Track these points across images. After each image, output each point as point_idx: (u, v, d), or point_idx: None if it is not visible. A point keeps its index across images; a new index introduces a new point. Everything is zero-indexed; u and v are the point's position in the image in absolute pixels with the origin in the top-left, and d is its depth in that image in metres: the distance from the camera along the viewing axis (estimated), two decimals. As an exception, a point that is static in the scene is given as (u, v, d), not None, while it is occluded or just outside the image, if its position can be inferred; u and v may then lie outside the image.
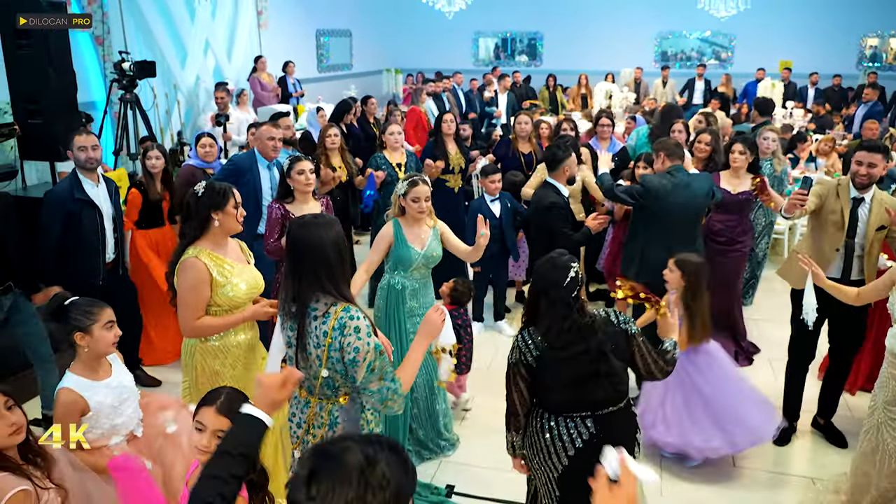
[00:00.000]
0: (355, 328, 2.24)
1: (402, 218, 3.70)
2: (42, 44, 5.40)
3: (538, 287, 2.57)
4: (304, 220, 2.38)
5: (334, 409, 2.38)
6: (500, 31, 16.51)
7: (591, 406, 2.54)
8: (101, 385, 2.49)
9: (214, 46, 9.84)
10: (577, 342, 2.48)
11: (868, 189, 3.72)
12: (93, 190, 4.18)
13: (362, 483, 1.15)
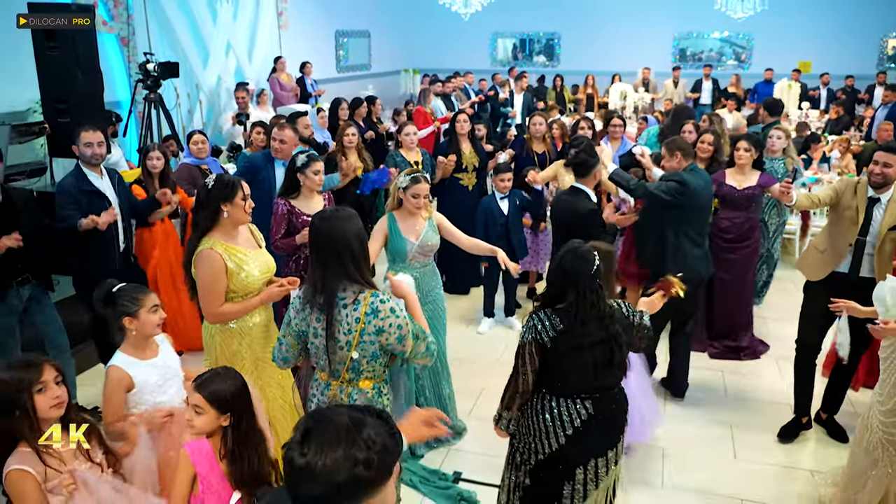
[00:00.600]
0: (390, 309, 2.43)
1: (398, 211, 3.86)
2: (71, 46, 5.60)
3: (566, 277, 2.66)
4: (326, 214, 2.55)
5: (354, 393, 2.55)
6: (518, 32, 16.60)
7: (595, 389, 2.69)
8: (147, 364, 2.65)
9: (236, 47, 10.04)
10: (598, 330, 2.63)
11: (885, 189, 3.82)
12: (98, 182, 4.35)
13: (349, 441, 1.25)
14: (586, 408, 2.68)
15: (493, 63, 16.53)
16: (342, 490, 1.24)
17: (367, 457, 1.25)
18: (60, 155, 6.01)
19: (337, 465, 1.23)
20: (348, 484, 1.23)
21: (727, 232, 5.09)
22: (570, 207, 4.53)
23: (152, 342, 2.73)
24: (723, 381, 4.91)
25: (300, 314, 2.54)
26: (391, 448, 1.30)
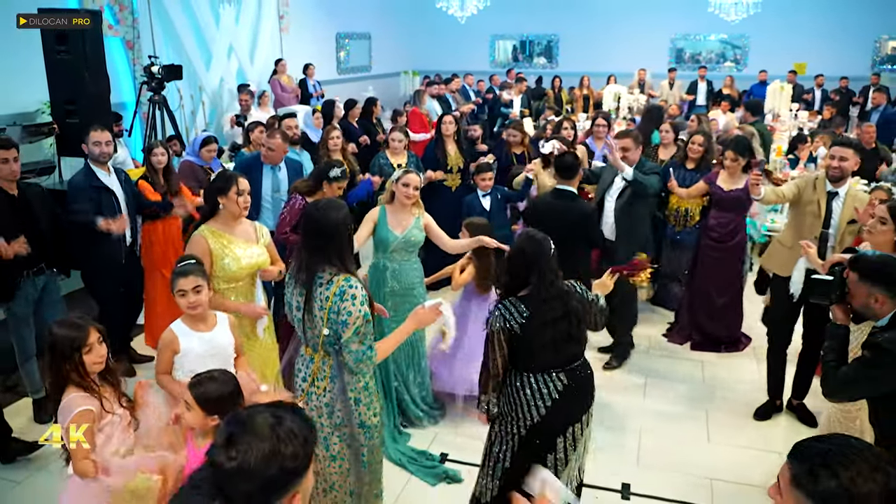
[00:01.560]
0: (352, 296, 2.63)
1: (390, 206, 4.09)
2: (79, 49, 5.85)
3: (526, 260, 2.89)
4: (320, 204, 2.81)
5: (335, 365, 2.77)
6: (518, 34, 16.81)
7: (564, 362, 2.92)
8: (197, 335, 2.89)
9: (238, 50, 10.27)
10: (558, 307, 2.86)
11: (842, 183, 4.04)
12: (106, 179, 4.59)
13: (274, 437, 1.33)
14: (561, 380, 2.90)
15: (493, 65, 16.75)
16: (275, 483, 1.34)
17: (293, 450, 1.34)
18: (68, 154, 6.25)
19: (267, 461, 1.32)
20: (280, 477, 1.34)
21: (713, 230, 5.28)
22: (566, 211, 4.53)
23: (210, 318, 2.96)
24: (702, 371, 5.12)
25: (289, 289, 2.80)
26: (310, 438, 1.40)
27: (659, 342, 5.58)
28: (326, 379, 2.78)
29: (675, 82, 12.90)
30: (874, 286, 2.50)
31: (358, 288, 2.66)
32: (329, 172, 4.44)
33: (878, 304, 2.51)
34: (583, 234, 4.56)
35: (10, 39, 6.53)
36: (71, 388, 2.48)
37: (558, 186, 4.69)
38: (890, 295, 2.48)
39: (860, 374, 2.49)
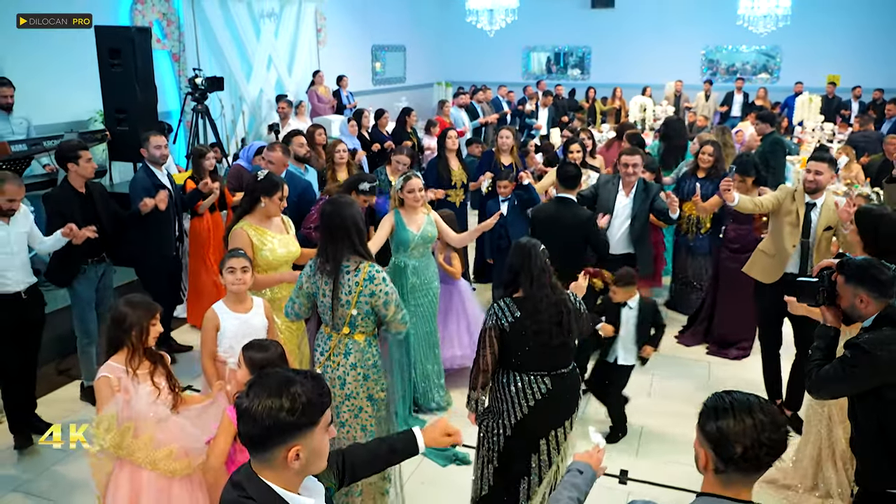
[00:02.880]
0: (382, 279, 3.08)
1: (402, 208, 4.42)
2: (130, 62, 6.34)
3: (519, 265, 3.11)
4: (334, 200, 3.20)
5: (350, 343, 3.17)
6: (551, 46, 17.08)
7: (551, 367, 3.12)
8: (234, 315, 3.27)
9: (277, 62, 10.77)
10: (553, 314, 3.07)
11: (818, 195, 4.27)
12: (162, 178, 5.08)
13: (279, 394, 1.57)
14: (545, 384, 3.11)
15: (525, 76, 17.03)
16: (271, 430, 1.57)
17: (291, 406, 1.56)
18: (119, 159, 6.76)
19: (265, 411, 1.55)
20: (275, 426, 1.56)
21: (732, 242, 5.49)
22: (571, 217, 4.76)
23: (248, 300, 3.34)
24: (708, 372, 5.33)
25: (311, 279, 3.17)
26: (314, 402, 1.61)
27: (670, 345, 5.79)
28: (341, 355, 3.17)
29: (711, 94, 13.02)
30: (859, 287, 2.63)
31: (381, 271, 3.09)
32: (359, 185, 4.79)
33: (863, 305, 2.64)
34: (583, 240, 4.76)
35: (68, 54, 7.10)
36: (118, 355, 2.80)
37: (559, 195, 4.88)
38: (874, 295, 2.62)
39: (840, 373, 2.61)
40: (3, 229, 4.03)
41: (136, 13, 8.56)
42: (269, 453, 1.59)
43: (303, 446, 1.60)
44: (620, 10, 15.62)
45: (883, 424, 2.60)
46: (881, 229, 3.30)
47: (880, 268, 2.66)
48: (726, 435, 1.66)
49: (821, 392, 2.82)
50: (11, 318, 4.08)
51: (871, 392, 2.62)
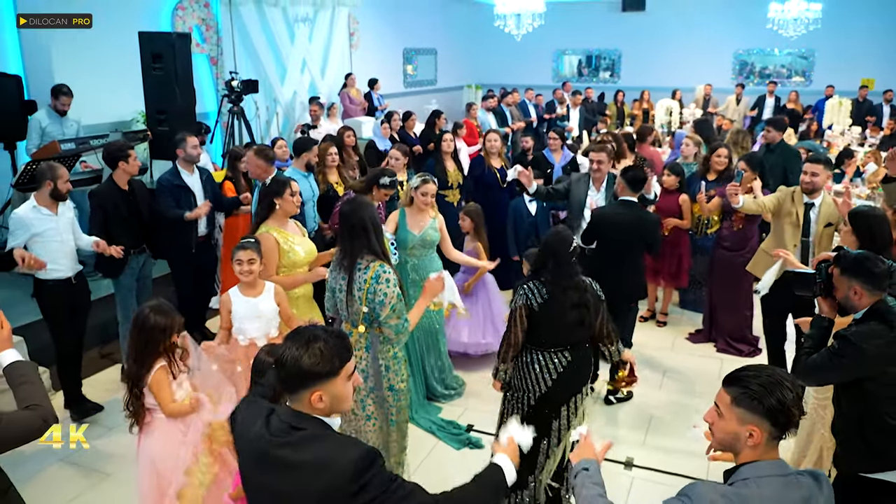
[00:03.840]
0: (386, 280, 3.20)
1: (409, 208, 4.65)
2: (171, 66, 6.69)
3: (551, 250, 3.41)
4: (351, 201, 3.41)
5: (370, 337, 3.36)
6: (582, 49, 17.18)
7: (570, 343, 3.41)
8: (244, 299, 3.61)
9: (310, 65, 11.09)
10: (574, 296, 3.36)
11: (816, 195, 4.46)
12: (189, 178, 5.34)
13: (305, 346, 1.84)
14: (566, 357, 3.40)
15: (556, 79, 17.13)
16: (296, 377, 1.84)
17: (313, 361, 1.83)
18: (159, 158, 7.11)
19: (292, 360, 1.83)
20: (298, 374, 1.83)
21: (725, 240, 5.65)
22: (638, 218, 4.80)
23: (258, 286, 3.64)
24: (720, 368, 5.45)
25: (331, 274, 3.39)
26: (334, 356, 1.86)
27: (682, 342, 5.94)
28: (362, 349, 3.35)
29: (742, 98, 13.02)
30: (853, 279, 2.77)
31: (390, 272, 3.23)
32: (380, 179, 5.04)
33: (857, 297, 2.78)
34: (646, 242, 4.85)
35: (114, 58, 7.50)
36: (156, 359, 3.06)
37: (623, 197, 4.87)
38: (867, 288, 2.74)
39: (827, 363, 2.75)
40: (53, 220, 4.38)
41: (178, 19, 8.96)
42: (297, 395, 1.87)
43: (324, 392, 1.85)
44: (651, 13, 15.68)
45: (862, 413, 2.75)
46: (875, 229, 3.46)
47: (875, 261, 2.78)
48: (787, 405, 1.83)
49: (808, 379, 2.95)
50: (64, 302, 4.44)
51: (854, 382, 2.76)
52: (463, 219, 5.34)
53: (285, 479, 1.82)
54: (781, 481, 1.84)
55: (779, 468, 1.87)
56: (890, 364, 2.68)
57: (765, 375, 1.89)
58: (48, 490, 3.91)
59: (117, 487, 3.86)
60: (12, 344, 2.41)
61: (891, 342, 2.66)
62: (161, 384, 3.01)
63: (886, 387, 2.69)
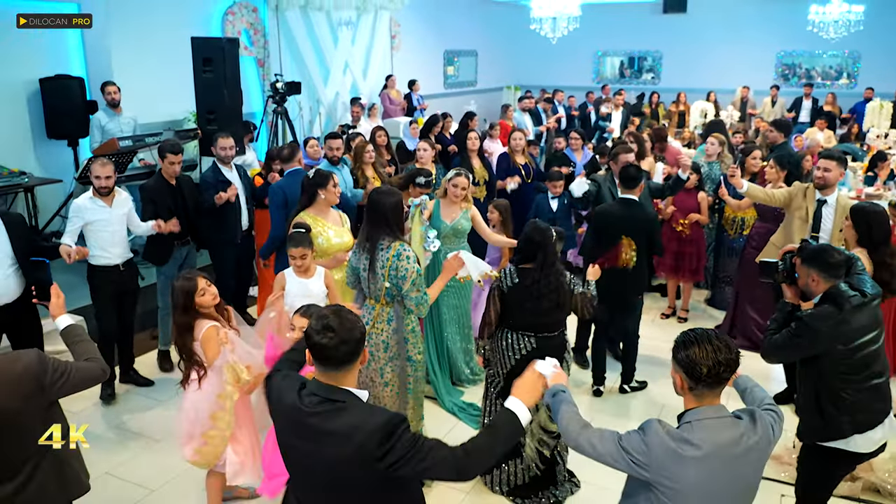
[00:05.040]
0: (406, 257, 3.56)
1: (444, 199, 4.96)
2: (220, 69, 7.15)
3: (535, 242, 3.73)
4: (379, 189, 3.79)
5: (391, 312, 3.71)
6: (622, 50, 17.25)
7: (536, 329, 3.71)
8: (297, 280, 3.96)
9: (352, 67, 11.46)
10: (545, 285, 3.68)
11: (829, 191, 4.60)
12: (228, 174, 5.65)
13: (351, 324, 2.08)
14: (531, 343, 3.72)
15: (596, 80, 17.22)
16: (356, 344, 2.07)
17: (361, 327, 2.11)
18: (208, 155, 7.57)
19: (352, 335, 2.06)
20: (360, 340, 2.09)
21: (753, 239, 5.80)
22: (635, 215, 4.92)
23: (310, 269, 3.99)
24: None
25: (355, 255, 3.75)
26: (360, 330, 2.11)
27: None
28: (384, 322, 3.71)
29: (778, 100, 12.98)
30: (811, 268, 3.09)
31: (410, 251, 3.59)
32: (416, 178, 5.40)
33: (814, 284, 3.09)
34: (645, 239, 4.95)
35: (167, 61, 8.01)
36: (198, 320, 3.43)
37: (622, 195, 5.03)
38: (823, 276, 3.06)
39: (787, 342, 3.06)
40: (106, 211, 4.74)
41: (228, 23, 9.46)
42: (351, 363, 2.09)
43: (364, 354, 2.16)
44: (693, 14, 15.67)
45: (819, 389, 3.05)
46: (873, 225, 3.69)
47: (831, 252, 3.08)
48: (694, 360, 2.11)
49: (770, 357, 3.28)
50: (112, 287, 4.86)
51: (811, 359, 3.07)
52: (492, 212, 5.63)
53: (318, 445, 2.03)
54: (716, 422, 2.14)
55: (715, 412, 2.16)
56: (840, 342, 2.98)
57: (692, 335, 2.17)
58: (104, 450, 4.33)
59: (166, 454, 4.26)
60: (66, 310, 2.83)
61: (840, 322, 2.96)
62: (210, 340, 3.36)
63: (838, 362, 3.00)
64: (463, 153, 6.85)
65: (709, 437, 2.12)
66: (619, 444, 2.19)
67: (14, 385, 2.34)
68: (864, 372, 3.03)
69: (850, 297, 2.98)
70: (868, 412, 3.04)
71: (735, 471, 2.14)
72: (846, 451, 3.07)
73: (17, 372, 2.36)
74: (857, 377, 3.02)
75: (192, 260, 5.54)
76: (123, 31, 7.94)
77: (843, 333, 2.97)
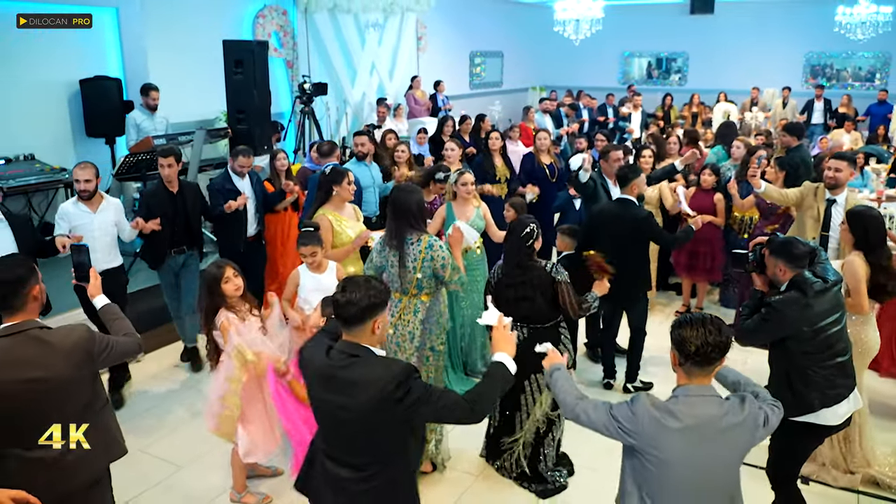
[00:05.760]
0: (440, 245, 3.80)
1: (455, 201, 5.16)
2: (250, 71, 7.42)
3: (509, 234, 3.99)
4: (400, 187, 3.99)
5: (418, 304, 3.90)
6: (648, 51, 17.26)
7: (523, 319, 3.88)
8: (311, 276, 4.17)
9: (379, 68, 11.71)
10: (520, 275, 3.89)
11: (839, 191, 4.73)
12: (240, 182, 5.68)
13: (366, 287, 2.38)
14: (523, 333, 3.90)
15: (622, 81, 17.25)
16: (365, 309, 2.36)
17: (374, 293, 2.39)
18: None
19: (361, 296, 2.36)
20: (367, 306, 2.36)
21: (755, 237, 5.89)
22: (628, 216, 4.99)
23: (324, 265, 4.20)
24: (745, 359, 5.70)
25: (380, 254, 3.93)
26: (385, 291, 2.45)
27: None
28: (411, 314, 3.90)
29: (789, 101, 12.93)
30: (778, 259, 3.32)
31: (438, 241, 3.83)
32: (435, 175, 5.60)
33: (781, 273, 3.33)
34: (643, 238, 5.07)
35: (200, 62, 8.33)
36: (221, 309, 3.69)
37: (619, 195, 5.14)
38: (789, 266, 3.28)
39: (757, 326, 3.30)
40: (89, 216, 4.74)
41: (258, 25, 9.77)
42: (362, 326, 2.39)
43: (380, 319, 2.42)
44: (720, 15, 15.63)
45: (788, 368, 3.28)
46: (869, 228, 3.84)
47: (796, 244, 3.32)
48: (684, 338, 2.31)
49: (744, 340, 3.48)
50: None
51: (779, 342, 3.30)
52: (508, 209, 5.80)
53: (346, 394, 2.34)
54: (700, 399, 2.33)
55: (702, 390, 2.34)
56: (805, 324, 3.21)
57: (688, 317, 2.36)
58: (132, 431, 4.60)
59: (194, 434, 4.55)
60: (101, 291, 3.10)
61: (804, 306, 3.19)
62: (226, 333, 3.61)
63: (803, 342, 3.23)
64: (485, 152, 7.03)
65: (690, 411, 2.30)
66: (609, 413, 2.40)
67: (69, 355, 2.60)
68: (827, 351, 3.26)
69: (813, 284, 3.21)
70: (833, 387, 3.27)
71: (714, 447, 2.31)
72: (815, 425, 3.30)
73: (71, 343, 2.62)
74: (821, 356, 3.25)
75: (192, 267, 5.47)
76: (159, 34, 8.29)
77: (807, 317, 3.20)
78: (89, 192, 4.75)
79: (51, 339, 2.61)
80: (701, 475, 2.33)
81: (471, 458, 4.37)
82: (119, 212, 4.98)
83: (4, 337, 2.56)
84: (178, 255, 5.35)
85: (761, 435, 2.41)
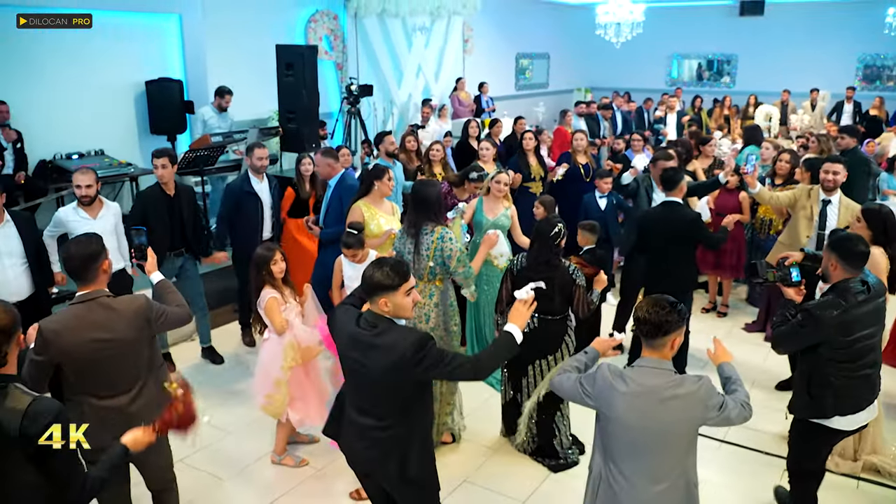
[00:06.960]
0: (450, 238, 4.13)
1: (486, 197, 5.46)
2: (301, 73, 7.91)
3: (537, 233, 4.23)
4: (422, 181, 4.35)
5: (433, 289, 4.26)
6: (695, 53, 17.21)
7: (537, 310, 4.03)
8: (351, 265, 4.46)
9: (425, 70, 12.02)
10: (543, 271, 4.13)
11: (833, 192, 4.93)
12: (258, 185, 5.66)
13: (378, 267, 2.73)
14: (532, 322, 4.17)
15: (670, 83, 17.16)
16: (372, 287, 2.72)
17: (381, 274, 2.71)
18: (288, 150, 8.39)
19: (370, 275, 2.73)
20: (373, 285, 2.72)
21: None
22: (675, 218, 5.04)
23: (364, 255, 4.56)
24: (766, 355, 5.87)
25: (400, 240, 4.32)
26: (396, 274, 2.72)
27: (738, 332, 6.42)
28: (426, 297, 4.26)
29: (818, 104, 12.78)
30: (833, 253, 3.27)
31: (451, 233, 4.16)
32: (469, 174, 5.95)
33: (832, 268, 3.28)
34: (691, 239, 5.10)
35: (255, 64, 8.87)
36: (266, 287, 4.12)
37: (665, 199, 5.20)
38: (842, 263, 3.23)
39: (792, 332, 3.31)
40: (88, 223, 4.70)
41: (310, 30, 10.28)
42: (373, 300, 2.76)
43: (388, 300, 2.73)
44: (770, 17, 15.52)
45: (811, 371, 3.35)
46: (888, 224, 4.03)
47: (856, 242, 3.29)
48: (635, 311, 2.66)
49: (779, 347, 3.57)
50: None
51: (812, 347, 3.33)
52: (537, 206, 6.06)
53: (371, 355, 2.71)
54: (651, 371, 2.61)
55: (655, 363, 2.63)
56: (839, 332, 3.22)
57: (653, 296, 2.64)
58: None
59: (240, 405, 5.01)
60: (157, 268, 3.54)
61: (841, 312, 3.18)
62: (272, 311, 4.06)
63: (835, 350, 3.26)
64: (520, 151, 7.31)
65: (639, 379, 2.60)
66: (577, 381, 2.75)
67: (132, 319, 3.05)
68: (857, 361, 3.25)
69: (857, 293, 3.18)
70: (853, 398, 3.28)
71: (655, 413, 2.55)
72: (827, 427, 3.36)
73: (133, 310, 3.07)
74: (850, 365, 3.24)
75: (190, 270, 5.47)
76: (218, 38, 8.88)
77: (845, 324, 3.17)
78: (90, 197, 4.77)
79: (117, 306, 3.05)
80: (646, 437, 2.57)
81: (491, 435, 4.72)
82: (116, 215, 5.00)
83: (80, 303, 3.01)
84: (176, 257, 5.34)
85: (713, 416, 2.59)
